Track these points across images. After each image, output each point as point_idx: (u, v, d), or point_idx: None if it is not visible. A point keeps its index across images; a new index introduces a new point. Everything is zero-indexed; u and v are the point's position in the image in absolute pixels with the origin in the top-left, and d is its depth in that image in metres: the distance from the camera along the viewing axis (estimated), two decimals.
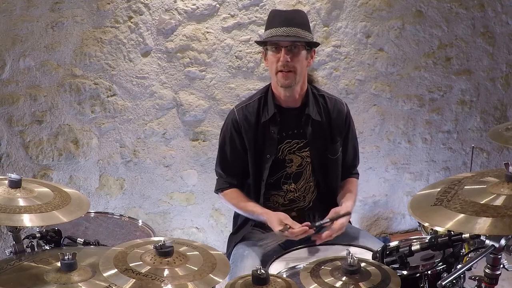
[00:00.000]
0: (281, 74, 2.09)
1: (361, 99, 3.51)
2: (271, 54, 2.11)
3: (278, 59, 2.07)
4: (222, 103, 3.24)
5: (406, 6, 3.43)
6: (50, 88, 2.99)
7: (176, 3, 3.04)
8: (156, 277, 1.32)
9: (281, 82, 2.10)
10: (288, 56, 2.05)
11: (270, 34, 2.08)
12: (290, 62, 2.06)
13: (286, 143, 2.20)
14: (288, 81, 2.09)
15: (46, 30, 2.91)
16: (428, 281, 1.62)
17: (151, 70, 3.11)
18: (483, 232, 1.30)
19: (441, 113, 3.71)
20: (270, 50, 2.11)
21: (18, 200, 1.58)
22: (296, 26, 2.06)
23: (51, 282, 1.41)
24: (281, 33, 2.05)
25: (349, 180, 2.35)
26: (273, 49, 2.09)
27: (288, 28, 2.05)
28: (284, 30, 2.05)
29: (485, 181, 1.46)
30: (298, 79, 2.12)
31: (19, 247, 1.65)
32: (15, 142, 3.00)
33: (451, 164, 3.84)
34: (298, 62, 2.08)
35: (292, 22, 2.06)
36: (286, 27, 2.05)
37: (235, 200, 2.25)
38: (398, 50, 3.49)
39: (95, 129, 3.11)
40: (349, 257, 1.44)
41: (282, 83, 2.10)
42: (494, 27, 3.65)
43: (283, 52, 2.06)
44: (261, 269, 1.43)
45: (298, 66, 2.09)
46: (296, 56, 2.07)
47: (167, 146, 3.24)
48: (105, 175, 3.20)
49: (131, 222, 2.30)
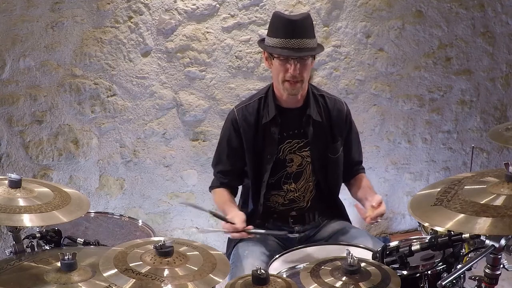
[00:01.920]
0: (288, 84, 2.09)
1: (361, 99, 3.50)
2: (279, 63, 2.08)
3: (286, 69, 2.06)
4: (222, 103, 3.24)
5: (406, 6, 3.43)
6: (50, 88, 2.99)
7: (176, 3, 3.04)
8: (156, 277, 1.32)
9: (288, 91, 2.11)
10: (297, 67, 2.05)
11: (279, 44, 2.05)
12: (299, 74, 2.06)
13: (287, 143, 2.21)
14: (295, 90, 2.11)
15: (46, 30, 2.91)
16: (428, 281, 1.62)
17: (151, 70, 3.10)
18: (483, 232, 1.31)
19: (441, 113, 3.71)
20: (278, 59, 2.09)
21: (18, 200, 1.58)
22: (305, 36, 2.04)
23: (51, 282, 1.41)
24: (291, 45, 2.02)
25: (359, 177, 2.36)
26: (281, 58, 2.08)
27: (298, 40, 2.02)
28: (294, 42, 2.02)
29: (485, 181, 1.46)
30: (304, 86, 2.14)
31: (19, 247, 1.66)
32: (15, 142, 3.00)
33: (451, 164, 3.84)
34: (305, 72, 2.09)
35: (302, 32, 2.04)
36: (296, 38, 2.02)
37: (218, 198, 2.32)
38: (398, 50, 3.49)
39: (95, 129, 3.11)
40: (349, 257, 1.44)
41: (290, 92, 2.11)
42: (494, 27, 3.65)
43: (293, 66, 2.04)
44: (261, 269, 1.43)
45: (305, 75, 2.10)
46: (304, 67, 2.08)
47: (167, 146, 3.24)
48: (105, 175, 3.20)
49: (131, 222, 2.31)
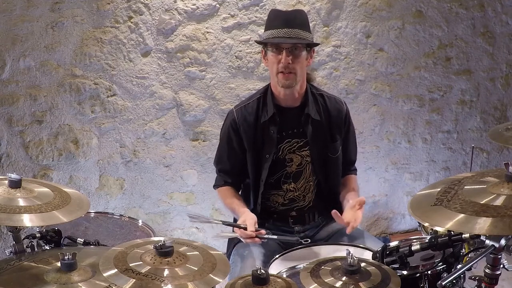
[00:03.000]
0: (282, 75, 2.10)
1: (361, 99, 3.51)
2: (272, 54, 2.11)
3: (279, 60, 2.08)
4: (222, 103, 3.24)
5: (406, 6, 3.43)
6: (50, 88, 2.99)
7: (176, 3, 3.04)
8: (156, 277, 1.32)
9: (281, 82, 2.12)
10: (289, 58, 2.06)
11: (272, 35, 2.09)
12: (291, 64, 2.07)
13: (286, 143, 2.21)
14: (288, 81, 2.11)
15: (46, 30, 2.91)
16: (428, 281, 1.62)
17: (151, 70, 3.11)
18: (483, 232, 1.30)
19: (441, 113, 3.71)
20: (271, 50, 2.11)
21: (18, 200, 1.58)
22: (297, 27, 2.06)
23: (51, 282, 1.41)
24: (283, 35, 2.06)
25: (348, 177, 2.37)
26: (274, 49, 2.10)
27: (289, 30, 2.05)
28: (285, 31, 2.06)
29: (485, 181, 1.46)
30: (299, 79, 2.13)
31: (19, 247, 1.65)
32: (15, 142, 3.00)
33: (451, 164, 3.84)
34: (298, 64, 2.09)
35: (293, 23, 2.07)
36: (288, 28, 2.05)
37: (224, 197, 2.31)
38: (398, 50, 3.49)
39: (95, 129, 3.11)
40: (349, 257, 1.44)
41: (283, 84, 2.12)
42: (494, 27, 3.65)
43: (284, 54, 2.06)
44: (261, 269, 1.43)
45: (299, 68, 2.10)
46: (297, 57, 2.08)
47: (167, 146, 3.24)
48: (105, 175, 3.20)
49: (131, 222, 2.30)
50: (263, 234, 2.02)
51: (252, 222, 2.03)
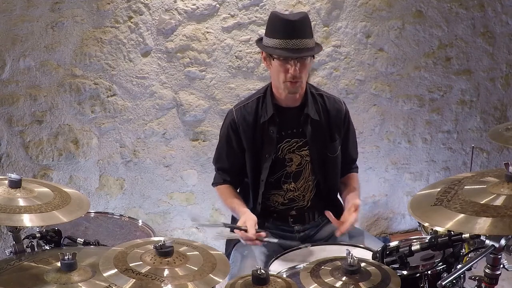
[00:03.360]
0: (289, 84, 2.10)
1: (361, 99, 3.50)
2: (278, 63, 2.09)
3: (286, 70, 2.07)
4: (222, 103, 3.24)
5: (406, 6, 3.43)
6: (50, 88, 2.99)
7: (176, 3, 3.04)
8: (156, 277, 1.32)
9: (289, 89, 2.12)
10: (297, 68, 2.06)
11: (279, 45, 2.05)
12: (299, 73, 2.07)
13: (286, 142, 2.21)
14: (295, 89, 2.12)
15: (46, 30, 2.91)
16: (428, 281, 1.62)
17: (151, 70, 3.10)
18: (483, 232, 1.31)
19: (441, 113, 3.71)
20: (277, 59, 2.09)
21: (18, 200, 1.58)
22: (304, 36, 2.05)
23: (51, 282, 1.41)
24: (292, 46, 2.03)
25: (350, 176, 2.37)
26: (280, 59, 2.08)
27: (298, 40, 2.03)
28: (294, 42, 2.03)
29: (485, 181, 1.46)
30: (303, 85, 2.15)
31: (19, 247, 1.66)
32: (15, 142, 3.00)
33: (451, 164, 3.84)
34: (304, 71, 2.10)
35: (300, 32, 2.04)
36: (296, 39, 2.03)
37: (224, 195, 2.31)
38: (398, 50, 3.49)
39: (95, 129, 3.11)
40: (349, 257, 1.44)
41: (290, 91, 2.13)
42: (494, 27, 3.65)
43: (293, 66, 2.05)
44: (261, 269, 1.43)
45: (304, 75, 2.11)
46: (303, 66, 2.09)
47: (167, 146, 3.24)
48: (105, 175, 3.20)
49: (131, 222, 2.31)
50: (263, 236, 2.02)
51: (253, 223, 2.04)
